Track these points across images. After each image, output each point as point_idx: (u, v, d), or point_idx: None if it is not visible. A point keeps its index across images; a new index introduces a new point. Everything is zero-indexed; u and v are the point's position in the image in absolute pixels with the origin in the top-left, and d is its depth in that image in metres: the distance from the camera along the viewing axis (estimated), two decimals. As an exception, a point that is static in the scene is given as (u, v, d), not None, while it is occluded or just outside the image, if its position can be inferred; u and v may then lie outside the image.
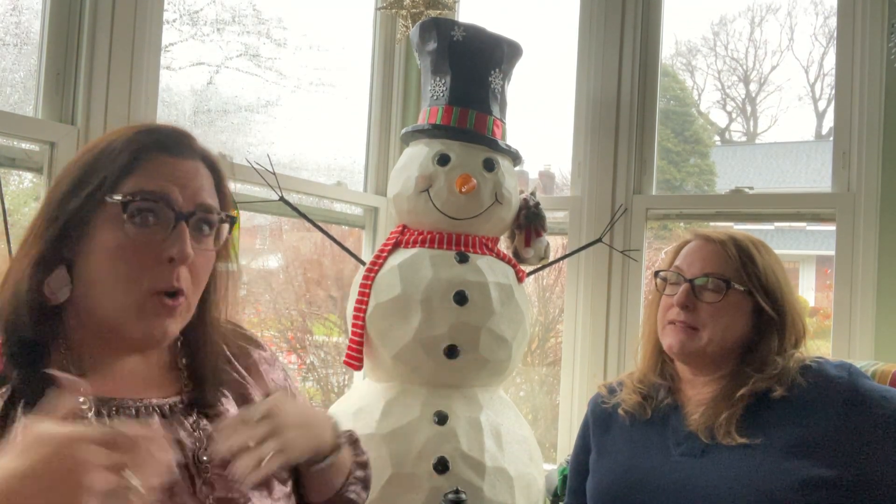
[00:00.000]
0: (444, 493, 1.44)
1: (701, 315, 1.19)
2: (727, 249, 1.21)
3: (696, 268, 1.22)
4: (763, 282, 1.20)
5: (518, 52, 1.96)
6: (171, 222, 0.82)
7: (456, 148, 1.83)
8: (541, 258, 1.97)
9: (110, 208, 0.80)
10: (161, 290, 0.82)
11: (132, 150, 0.83)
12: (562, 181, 2.98)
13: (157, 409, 0.86)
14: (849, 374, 1.13)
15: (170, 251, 0.81)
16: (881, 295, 1.87)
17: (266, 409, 0.86)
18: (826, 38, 2.86)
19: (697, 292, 1.20)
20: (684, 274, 1.22)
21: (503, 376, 1.88)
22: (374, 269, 1.81)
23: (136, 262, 0.80)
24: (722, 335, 1.19)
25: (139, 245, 0.80)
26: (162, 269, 0.81)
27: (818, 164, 2.93)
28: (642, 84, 2.20)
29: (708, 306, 1.19)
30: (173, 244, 0.81)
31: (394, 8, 2.20)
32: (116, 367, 0.85)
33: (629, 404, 1.28)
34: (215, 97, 2.01)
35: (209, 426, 0.89)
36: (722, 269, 1.20)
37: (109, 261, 0.80)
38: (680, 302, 1.19)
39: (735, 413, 1.14)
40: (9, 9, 1.50)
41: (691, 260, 1.23)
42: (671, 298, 1.23)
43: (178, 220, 0.82)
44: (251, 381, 1.00)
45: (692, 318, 1.19)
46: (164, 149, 0.85)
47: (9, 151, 1.45)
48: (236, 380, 0.98)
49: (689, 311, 1.19)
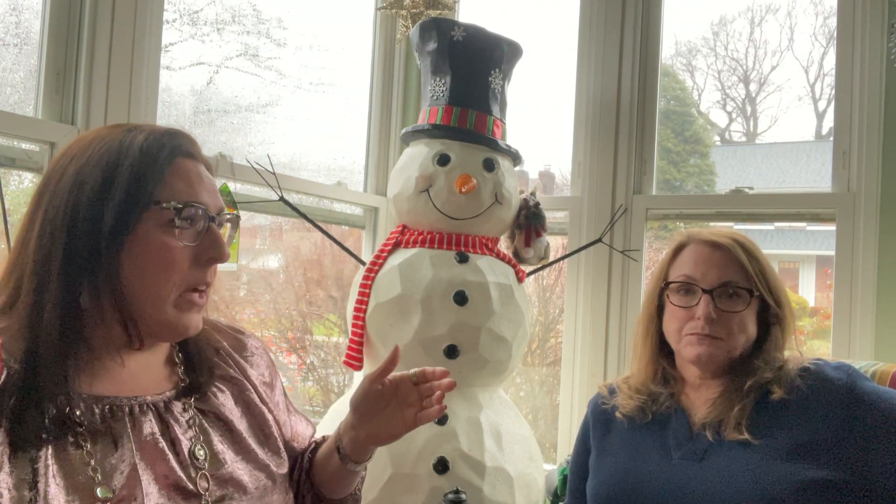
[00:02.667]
0: (444, 494, 1.44)
1: (724, 324, 1.18)
2: (739, 255, 1.20)
3: (712, 277, 1.20)
4: (769, 283, 1.21)
5: (518, 52, 1.96)
6: (205, 225, 0.87)
7: (456, 148, 1.83)
8: (541, 258, 1.97)
9: (160, 213, 0.83)
10: (194, 286, 0.86)
11: (166, 154, 0.85)
12: (562, 181, 2.98)
13: (152, 406, 0.86)
14: (848, 376, 1.13)
15: (210, 252, 0.86)
16: (881, 295, 1.87)
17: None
18: (826, 38, 2.86)
19: (717, 301, 1.19)
20: (699, 284, 1.21)
21: (503, 376, 1.88)
22: (374, 269, 1.81)
23: (181, 264, 0.84)
24: (745, 340, 1.20)
25: (185, 248, 0.84)
26: (201, 269, 0.87)
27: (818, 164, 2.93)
28: (642, 84, 2.20)
29: (731, 315, 1.18)
30: (212, 246, 0.87)
31: (394, 8, 2.20)
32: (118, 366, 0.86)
33: (627, 409, 1.28)
34: (215, 97, 2.01)
35: (204, 422, 0.90)
36: (739, 276, 1.20)
37: (157, 263, 0.83)
38: (706, 315, 1.18)
39: (747, 406, 1.14)
40: (9, 9, 1.50)
41: (705, 268, 1.21)
42: (686, 310, 1.21)
43: (210, 222, 0.87)
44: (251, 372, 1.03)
45: (716, 329, 1.18)
46: (188, 154, 0.89)
47: (9, 151, 1.45)
48: (233, 375, 0.99)
49: (713, 322, 1.18)
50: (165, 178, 0.84)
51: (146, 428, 0.84)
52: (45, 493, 0.72)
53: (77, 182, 0.82)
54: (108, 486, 0.76)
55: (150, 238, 0.82)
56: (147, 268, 0.82)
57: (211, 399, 0.94)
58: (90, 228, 0.80)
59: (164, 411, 0.87)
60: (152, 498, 0.79)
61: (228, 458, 0.90)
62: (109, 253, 0.80)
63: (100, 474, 0.77)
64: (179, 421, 0.88)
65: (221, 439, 0.91)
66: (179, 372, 0.93)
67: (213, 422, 0.92)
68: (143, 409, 0.85)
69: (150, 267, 0.82)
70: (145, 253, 0.82)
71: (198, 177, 0.88)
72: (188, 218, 0.84)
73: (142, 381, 0.88)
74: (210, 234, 0.87)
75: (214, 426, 0.92)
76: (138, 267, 0.82)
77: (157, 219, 0.83)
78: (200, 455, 0.87)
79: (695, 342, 1.19)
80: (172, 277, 0.84)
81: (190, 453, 0.86)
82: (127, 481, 0.78)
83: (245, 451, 0.93)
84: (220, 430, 0.92)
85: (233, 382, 0.99)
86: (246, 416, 0.97)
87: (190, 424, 0.89)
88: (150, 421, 0.84)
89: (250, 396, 0.99)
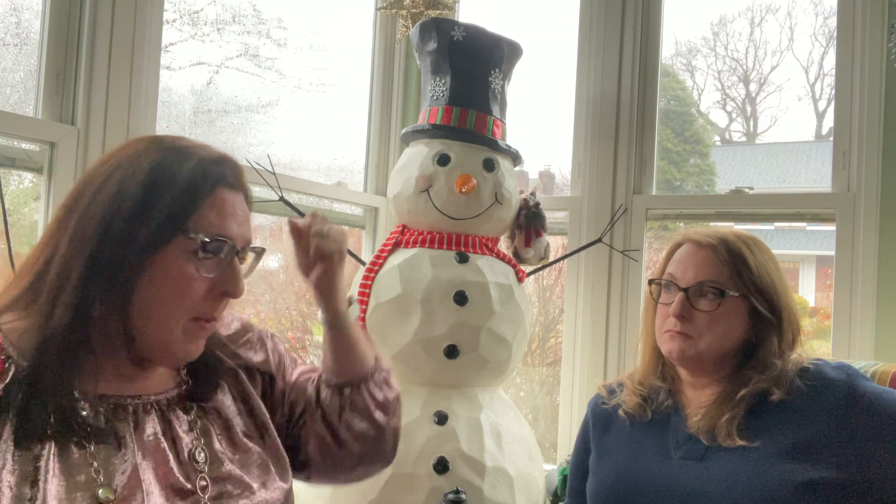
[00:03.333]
0: (444, 494, 1.44)
1: (697, 323, 1.18)
2: (719, 254, 1.20)
3: (689, 276, 1.21)
4: (758, 284, 1.19)
5: (518, 52, 1.96)
6: (228, 258, 0.86)
7: (456, 148, 1.83)
8: (541, 258, 1.97)
9: (186, 242, 0.83)
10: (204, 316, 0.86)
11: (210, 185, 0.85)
12: (562, 181, 2.98)
13: (155, 405, 0.87)
14: (847, 376, 1.13)
15: (225, 287, 0.86)
16: (881, 295, 1.87)
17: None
18: (826, 38, 2.86)
19: (692, 300, 1.19)
20: (678, 282, 1.21)
21: (503, 376, 1.88)
22: (374, 269, 1.81)
23: (196, 294, 0.84)
24: (720, 342, 1.19)
25: (203, 278, 0.84)
26: (212, 301, 0.86)
27: (818, 164, 2.93)
28: (642, 84, 2.20)
29: (704, 315, 1.18)
30: (228, 280, 0.86)
31: (394, 8, 2.20)
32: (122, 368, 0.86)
33: (629, 406, 1.28)
34: (215, 97, 2.01)
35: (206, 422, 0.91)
36: (715, 275, 1.19)
37: (173, 290, 0.83)
38: (675, 312, 1.19)
39: (737, 415, 1.14)
40: (9, 9, 1.50)
41: (684, 268, 1.22)
42: (666, 307, 1.22)
43: (233, 256, 0.87)
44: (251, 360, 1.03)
45: (688, 327, 1.19)
46: (230, 185, 0.88)
47: (9, 151, 1.45)
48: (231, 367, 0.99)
49: (686, 321, 1.19)
50: (201, 208, 0.84)
51: (148, 428, 0.84)
52: (45, 492, 0.72)
53: (118, 194, 0.82)
54: (109, 487, 0.77)
55: (171, 264, 0.82)
56: (162, 291, 0.82)
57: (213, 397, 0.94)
58: (119, 243, 0.80)
59: (167, 409, 0.88)
60: (153, 498, 0.79)
61: (227, 455, 0.90)
62: (131, 271, 0.81)
63: (102, 475, 0.77)
64: (181, 420, 0.88)
65: (220, 436, 0.92)
66: (182, 372, 0.94)
67: (213, 419, 0.92)
68: (147, 409, 0.86)
69: (165, 291, 0.82)
70: (163, 277, 0.82)
71: (232, 209, 0.87)
72: (213, 251, 0.84)
73: (145, 380, 0.88)
74: (230, 269, 0.86)
75: (214, 423, 0.92)
76: (154, 289, 0.82)
77: (182, 247, 0.83)
78: (201, 458, 0.87)
79: (667, 339, 1.21)
80: (184, 305, 0.84)
81: (190, 455, 0.86)
82: (128, 482, 0.78)
83: (244, 449, 0.93)
84: (219, 427, 0.93)
85: (231, 375, 0.99)
86: (244, 413, 0.98)
87: (192, 426, 0.89)
88: (152, 420, 0.85)
89: (248, 389, 1.00)
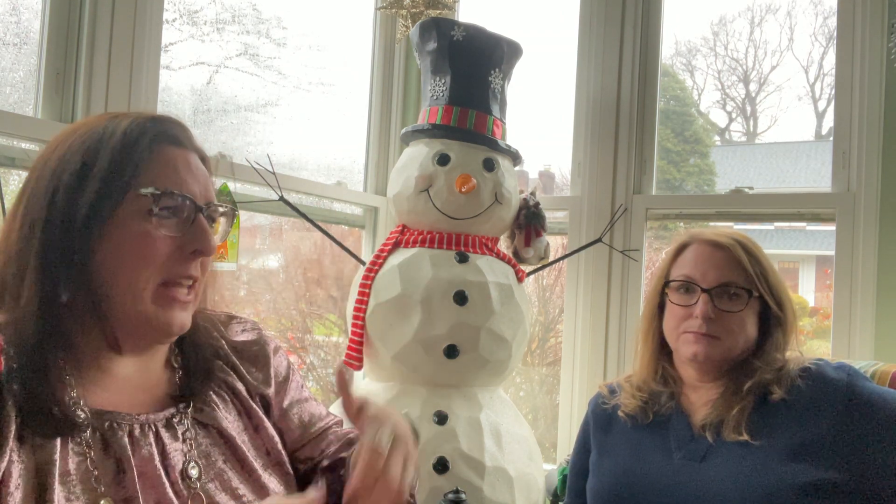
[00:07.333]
0: (444, 493, 1.44)
1: (723, 324, 1.19)
2: (738, 255, 1.21)
3: (711, 276, 1.21)
4: (771, 283, 1.21)
5: (518, 52, 1.96)
6: (191, 216, 0.81)
7: (456, 148, 1.83)
8: (541, 258, 1.97)
9: (138, 201, 0.78)
10: (177, 279, 0.81)
11: (148, 140, 0.81)
12: (562, 181, 2.98)
13: (152, 426, 0.82)
14: (848, 376, 1.13)
15: (194, 244, 0.81)
16: (881, 295, 1.87)
17: (393, 433, 0.85)
18: (826, 38, 2.86)
19: (716, 301, 1.19)
20: (699, 283, 1.21)
21: (503, 376, 1.88)
22: (373, 269, 1.81)
23: (160, 255, 0.79)
24: (743, 342, 1.20)
25: (164, 237, 0.79)
26: (183, 261, 0.81)
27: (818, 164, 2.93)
28: (642, 84, 2.20)
29: (730, 315, 1.18)
30: (196, 237, 0.81)
31: (394, 8, 2.20)
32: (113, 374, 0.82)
33: (629, 408, 1.28)
34: (215, 97, 2.01)
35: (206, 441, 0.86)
36: (739, 277, 1.20)
37: (134, 253, 0.78)
38: (704, 314, 1.18)
39: (746, 406, 1.14)
40: (9, 9, 1.50)
41: (704, 268, 1.22)
42: (685, 308, 1.22)
43: (197, 213, 0.82)
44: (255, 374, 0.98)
45: (714, 328, 1.19)
46: (174, 141, 0.83)
47: (9, 151, 1.45)
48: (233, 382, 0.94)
49: (711, 322, 1.19)
50: (146, 164, 0.79)
51: (145, 451, 0.79)
52: (48, 497, 0.71)
53: (58, 170, 0.78)
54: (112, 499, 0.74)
55: (126, 226, 0.77)
56: (123, 257, 0.77)
57: (211, 411, 0.89)
58: (66, 216, 0.76)
59: (164, 427, 0.83)
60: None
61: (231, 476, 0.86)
62: (82, 241, 0.76)
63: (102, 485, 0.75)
64: (177, 436, 0.83)
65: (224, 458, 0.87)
66: (177, 379, 0.89)
67: (215, 439, 0.87)
68: (144, 430, 0.81)
69: (125, 256, 0.77)
70: (121, 242, 0.77)
71: (185, 165, 0.82)
72: (169, 206, 0.79)
73: (140, 392, 0.84)
74: (196, 226, 0.81)
75: (216, 444, 0.87)
76: (114, 257, 0.77)
77: (135, 206, 0.78)
78: (193, 474, 0.82)
79: (692, 340, 1.20)
80: (149, 267, 0.78)
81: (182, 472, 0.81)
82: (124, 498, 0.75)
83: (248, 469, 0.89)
84: (221, 448, 0.87)
85: (233, 390, 0.94)
86: (248, 430, 0.93)
87: (185, 438, 0.84)
88: (149, 444, 0.80)
89: (251, 405, 0.95)
